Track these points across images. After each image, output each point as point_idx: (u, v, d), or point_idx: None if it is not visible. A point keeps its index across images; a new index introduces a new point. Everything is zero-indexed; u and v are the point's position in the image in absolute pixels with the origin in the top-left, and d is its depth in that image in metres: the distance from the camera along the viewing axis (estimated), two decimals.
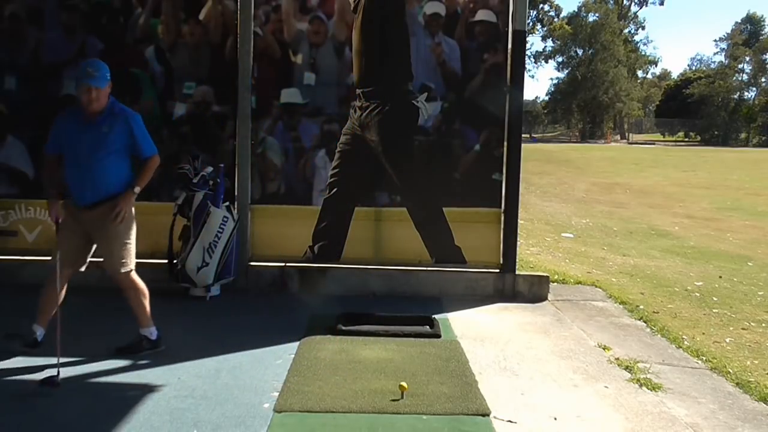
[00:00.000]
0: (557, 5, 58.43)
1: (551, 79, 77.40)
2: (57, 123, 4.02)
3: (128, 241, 3.99)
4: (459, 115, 5.79)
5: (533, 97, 68.05)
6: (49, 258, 4.06)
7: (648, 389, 3.76)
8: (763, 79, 57.00)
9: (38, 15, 5.83)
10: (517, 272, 5.80)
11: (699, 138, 53.73)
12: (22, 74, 5.83)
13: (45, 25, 5.84)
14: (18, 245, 5.85)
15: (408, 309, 5.14)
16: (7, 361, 3.88)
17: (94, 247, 4.05)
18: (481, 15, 5.75)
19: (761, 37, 57.38)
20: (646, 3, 60.04)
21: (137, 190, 3.99)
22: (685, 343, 4.72)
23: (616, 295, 5.97)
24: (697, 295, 6.30)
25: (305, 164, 5.84)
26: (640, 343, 4.68)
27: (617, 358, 4.26)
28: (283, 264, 5.80)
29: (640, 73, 62.36)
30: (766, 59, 56.69)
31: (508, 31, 5.71)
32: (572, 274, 6.75)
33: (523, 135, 6.09)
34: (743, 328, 5.24)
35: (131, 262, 4.02)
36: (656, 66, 69.47)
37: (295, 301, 5.48)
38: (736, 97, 55.85)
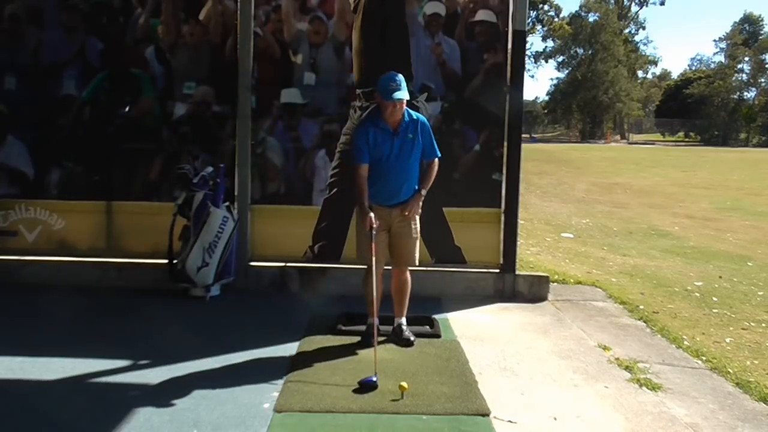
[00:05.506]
0: (557, 5, 58.39)
1: (551, 79, 77.46)
2: (366, 135, 4.23)
3: (418, 238, 4.43)
4: (459, 115, 5.79)
5: (533, 97, 68.21)
6: (51, 258, 4.09)
7: (648, 389, 3.76)
8: (762, 79, 57.00)
9: (38, 15, 5.83)
10: (517, 272, 5.79)
11: (699, 138, 53.71)
12: (22, 74, 5.84)
13: (45, 25, 5.84)
14: (18, 245, 5.85)
15: (408, 309, 5.13)
16: (7, 360, 3.89)
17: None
18: (481, 15, 5.75)
19: (760, 37, 57.38)
20: (646, 3, 60.12)
21: (424, 192, 4.38)
22: (685, 343, 4.72)
23: (616, 295, 5.97)
24: (697, 295, 6.30)
25: (305, 164, 5.84)
26: (640, 343, 4.68)
27: (617, 358, 4.26)
28: (283, 264, 5.80)
29: (640, 73, 62.40)
30: (765, 59, 56.69)
31: (508, 31, 5.71)
32: (572, 274, 6.75)
33: (523, 135, 6.09)
34: (743, 328, 5.24)
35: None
36: (656, 66, 69.69)
37: (295, 301, 5.47)
38: (735, 97, 55.80)
